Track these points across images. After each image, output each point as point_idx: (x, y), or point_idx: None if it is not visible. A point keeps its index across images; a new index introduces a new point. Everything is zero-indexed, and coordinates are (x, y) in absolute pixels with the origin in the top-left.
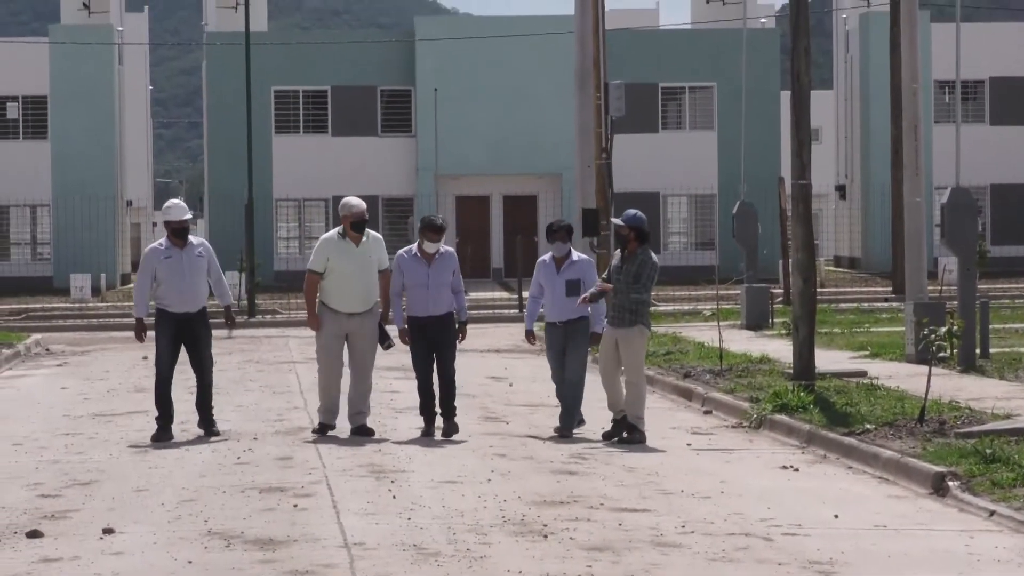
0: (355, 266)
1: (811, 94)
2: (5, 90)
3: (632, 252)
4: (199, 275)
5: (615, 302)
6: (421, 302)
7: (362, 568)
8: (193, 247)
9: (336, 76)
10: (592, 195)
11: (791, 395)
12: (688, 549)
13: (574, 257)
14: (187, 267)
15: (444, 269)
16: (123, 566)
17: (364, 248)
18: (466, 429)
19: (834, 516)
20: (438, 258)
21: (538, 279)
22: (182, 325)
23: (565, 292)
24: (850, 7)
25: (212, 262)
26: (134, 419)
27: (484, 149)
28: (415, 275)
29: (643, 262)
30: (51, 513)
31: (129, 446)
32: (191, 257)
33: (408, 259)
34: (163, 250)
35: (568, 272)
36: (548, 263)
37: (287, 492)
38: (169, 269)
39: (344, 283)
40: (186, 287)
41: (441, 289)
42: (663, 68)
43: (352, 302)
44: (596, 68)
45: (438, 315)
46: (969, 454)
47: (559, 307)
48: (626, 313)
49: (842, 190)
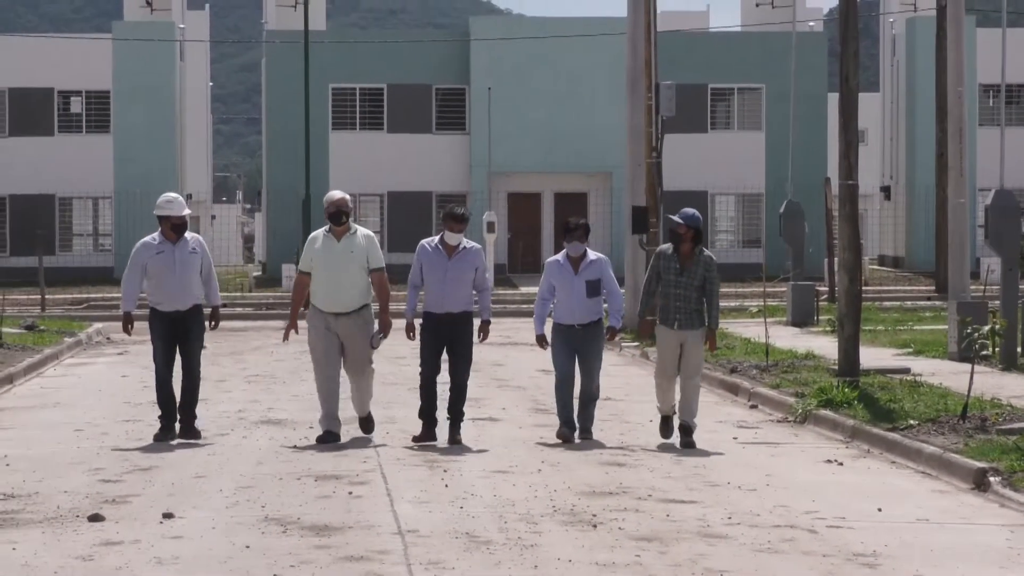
0: (336, 262)
1: (859, 97)
2: (69, 85)
3: (689, 253)
4: (190, 272)
5: (679, 304)
6: (437, 297)
7: (415, 555)
8: (187, 243)
9: (392, 74)
10: (642, 193)
11: (836, 391)
12: (734, 540)
13: (592, 256)
14: (178, 263)
15: (465, 265)
16: (182, 550)
17: (346, 244)
18: (516, 421)
19: (877, 510)
20: (460, 252)
21: (549, 280)
22: (174, 324)
23: (586, 293)
24: (897, 12)
25: (206, 260)
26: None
27: (536, 147)
28: (433, 267)
29: (708, 265)
30: (112, 498)
31: None
32: (184, 253)
33: (429, 250)
34: (155, 244)
35: (587, 272)
36: (563, 263)
37: (342, 480)
38: (159, 264)
39: (325, 281)
40: (176, 284)
41: (459, 285)
42: (713, 70)
43: (334, 301)
44: (648, 69)
45: (454, 312)
46: (1010, 450)
47: (579, 308)
48: (694, 315)
49: (887, 191)
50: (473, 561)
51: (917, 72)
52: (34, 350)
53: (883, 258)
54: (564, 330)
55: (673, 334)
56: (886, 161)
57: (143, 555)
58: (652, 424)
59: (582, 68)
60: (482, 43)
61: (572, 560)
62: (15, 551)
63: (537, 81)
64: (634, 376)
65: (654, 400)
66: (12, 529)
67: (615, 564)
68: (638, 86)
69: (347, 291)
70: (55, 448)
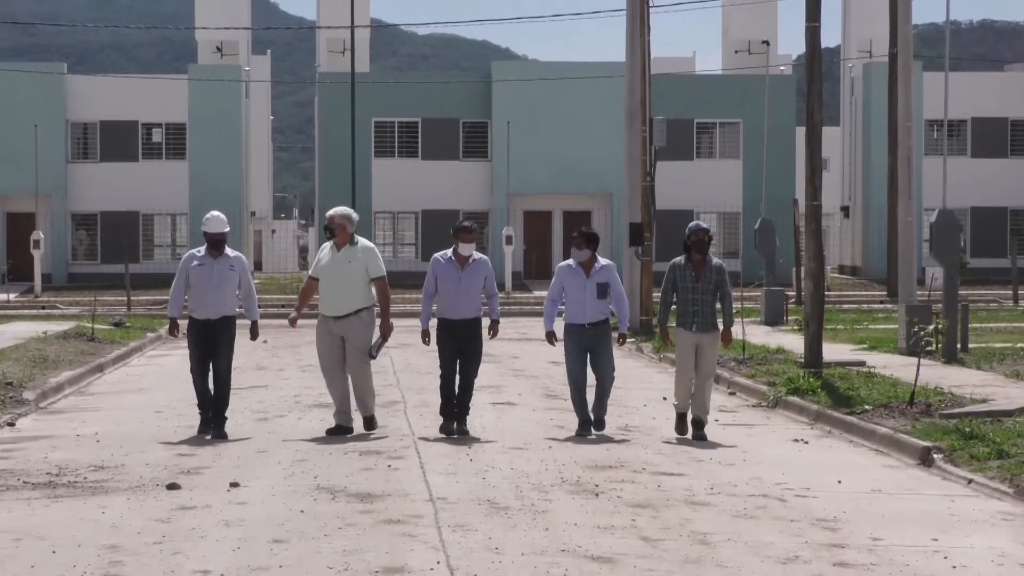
0: (335, 271)
1: (822, 130)
2: (151, 118)
3: (701, 261)
4: (225, 286)
5: (696, 309)
6: (451, 305)
7: (444, 519)
8: (227, 259)
9: (426, 110)
10: (638, 211)
11: (802, 380)
12: (716, 507)
13: (602, 262)
14: (216, 277)
15: (476, 275)
16: (247, 514)
17: (345, 254)
18: (530, 405)
19: (837, 482)
20: (471, 264)
21: (560, 283)
22: (206, 331)
23: (597, 294)
24: (855, 58)
25: (244, 277)
26: (256, 392)
27: (547, 172)
28: (447, 278)
29: (719, 271)
30: (187, 469)
31: (252, 414)
32: (222, 268)
33: (443, 263)
34: (198, 257)
35: (599, 276)
36: (575, 268)
37: (382, 455)
38: (198, 276)
39: (327, 287)
40: (210, 296)
41: (471, 294)
42: (698, 106)
43: (334, 306)
44: (643, 106)
45: (466, 319)
46: (951, 432)
47: (591, 309)
48: (709, 318)
49: (846, 210)
50: (494, 524)
51: (872, 109)
52: (121, 343)
53: (843, 267)
54: (575, 330)
55: (690, 336)
56: (845, 185)
57: (213, 518)
58: (647, 408)
59: (586, 105)
60: (502, 84)
61: (578, 524)
62: (104, 514)
63: (548, 116)
64: (630, 368)
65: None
66: (102, 496)
67: (614, 527)
68: (634, 120)
69: (344, 296)
70: (139, 427)
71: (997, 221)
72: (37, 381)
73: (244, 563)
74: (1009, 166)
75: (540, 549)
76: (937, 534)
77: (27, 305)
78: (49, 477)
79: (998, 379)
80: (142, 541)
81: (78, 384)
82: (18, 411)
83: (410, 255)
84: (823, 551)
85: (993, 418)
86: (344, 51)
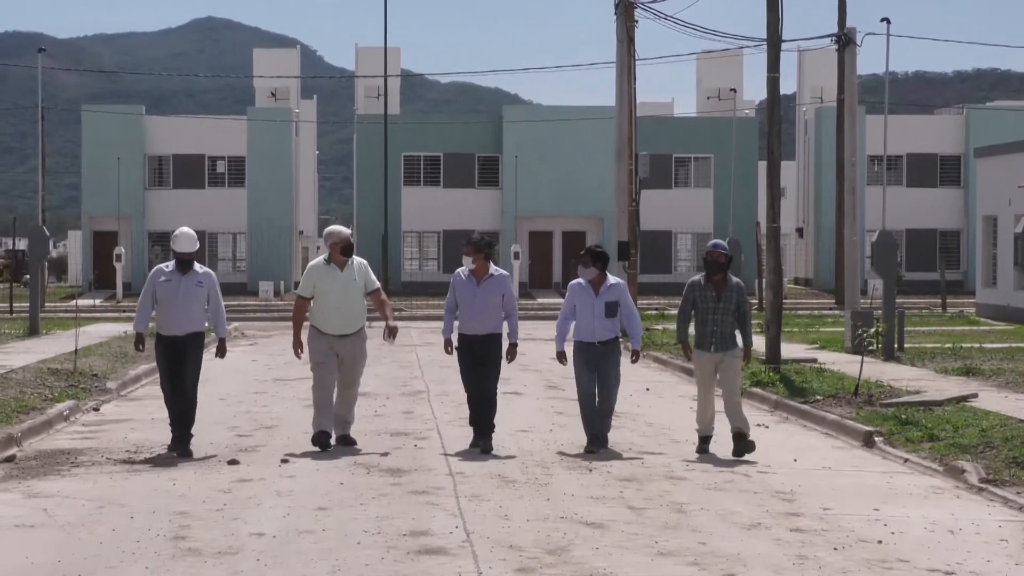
0: (340, 290)
1: (781, 164)
2: (216, 151)
3: (722, 281)
4: (192, 302)
5: (715, 329)
6: (468, 319)
7: (462, 490)
8: (195, 275)
9: (447, 146)
10: (625, 232)
11: (763, 374)
12: (691, 481)
13: (611, 280)
14: (182, 293)
15: (493, 291)
16: (295, 485)
17: (349, 272)
18: (535, 395)
19: (794, 460)
20: (488, 280)
21: (572, 301)
22: (172, 348)
23: (605, 313)
24: (808, 103)
25: (212, 292)
26: (304, 383)
27: (549, 198)
28: (464, 293)
29: (740, 291)
30: (245, 448)
31: (300, 401)
32: (189, 285)
33: (462, 279)
34: (166, 272)
35: (608, 295)
36: (585, 286)
37: (409, 436)
38: (164, 292)
39: (330, 306)
40: (176, 312)
41: (488, 309)
42: (675, 144)
43: (338, 324)
44: (629, 143)
45: (482, 334)
46: (890, 419)
47: (600, 327)
48: (728, 339)
49: (800, 231)
50: (504, 495)
51: (823, 146)
52: None
53: (797, 279)
54: (584, 348)
55: (709, 357)
56: (800, 210)
57: (267, 489)
58: (632, 398)
59: (583, 142)
60: (512, 124)
61: (574, 495)
62: (175, 485)
63: (551, 151)
64: (624, 366)
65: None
66: (173, 470)
67: (605, 497)
68: (623, 156)
69: (353, 315)
70: (204, 412)
71: (928, 241)
72: (118, 373)
73: (293, 527)
74: (938, 195)
75: (543, 516)
76: (878, 505)
77: (110, 309)
78: (128, 454)
79: (929, 374)
80: (206, 508)
81: (153, 376)
82: (102, 398)
83: (433, 268)
84: (781, 519)
85: (925, 407)
86: (378, 96)
